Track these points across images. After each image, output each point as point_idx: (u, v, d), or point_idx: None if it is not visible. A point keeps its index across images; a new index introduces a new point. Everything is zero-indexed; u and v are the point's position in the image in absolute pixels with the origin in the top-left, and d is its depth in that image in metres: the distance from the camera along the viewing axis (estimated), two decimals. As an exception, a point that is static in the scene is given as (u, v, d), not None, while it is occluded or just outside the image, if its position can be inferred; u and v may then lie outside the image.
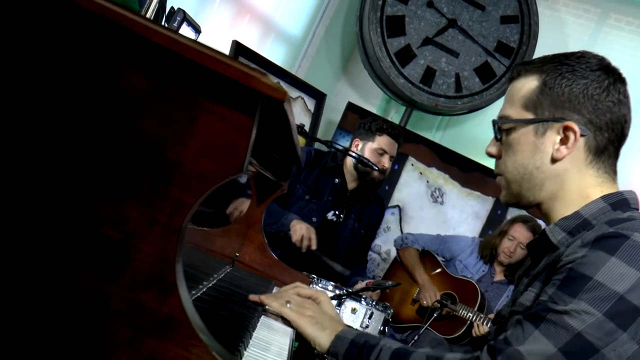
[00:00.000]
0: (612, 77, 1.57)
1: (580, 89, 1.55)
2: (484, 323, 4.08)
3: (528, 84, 1.61)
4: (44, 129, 1.18)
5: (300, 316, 1.71)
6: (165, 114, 1.16)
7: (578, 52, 1.62)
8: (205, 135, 1.16)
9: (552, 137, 1.57)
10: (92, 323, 1.15)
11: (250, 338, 1.63)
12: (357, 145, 3.87)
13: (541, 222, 4.45)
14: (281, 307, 1.75)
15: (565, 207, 1.59)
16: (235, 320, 1.70)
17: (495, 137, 1.66)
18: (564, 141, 1.56)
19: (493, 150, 1.67)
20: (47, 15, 1.19)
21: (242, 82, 1.12)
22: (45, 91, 1.19)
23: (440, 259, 4.58)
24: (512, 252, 4.36)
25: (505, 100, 1.67)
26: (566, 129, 1.55)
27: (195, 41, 1.14)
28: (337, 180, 3.89)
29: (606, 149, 1.58)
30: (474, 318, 4.15)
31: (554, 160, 1.57)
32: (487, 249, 4.46)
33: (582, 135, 1.55)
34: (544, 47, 5.18)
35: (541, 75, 1.59)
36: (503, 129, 1.63)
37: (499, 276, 4.48)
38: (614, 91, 1.56)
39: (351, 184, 3.93)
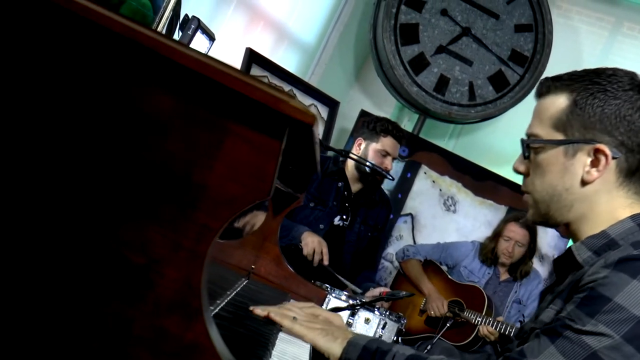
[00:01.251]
0: None
1: (613, 110, 1.51)
2: (492, 325, 4.10)
3: (557, 103, 1.57)
4: (68, 152, 1.17)
5: (311, 330, 1.72)
6: (191, 136, 1.14)
7: (609, 69, 1.57)
8: (231, 158, 1.13)
9: (583, 159, 1.53)
10: (115, 348, 1.13)
11: (270, 357, 1.61)
12: (360, 144, 3.84)
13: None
14: (291, 325, 1.76)
15: (593, 228, 1.56)
16: (254, 338, 1.68)
17: (524, 155, 1.62)
18: (594, 163, 1.52)
19: (521, 167, 1.64)
20: (72, 37, 1.18)
21: (270, 106, 1.10)
22: (71, 113, 1.17)
23: (443, 267, 4.59)
24: (510, 252, 4.41)
25: (533, 117, 1.63)
26: (597, 151, 1.51)
27: (223, 63, 1.12)
28: (340, 184, 3.85)
29: (638, 170, 1.54)
30: (483, 323, 4.17)
31: (584, 183, 1.54)
32: (487, 253, 4.50)
33: (613, 158, 1.51)
34: (558, 56, 5.16)
35: (571, 94, 1.55)
36: (532, 147, 1.60)
37: (504, 275, 4.53)
38: None
39: (354, 187, 3.89)
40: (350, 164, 3.85)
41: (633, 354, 1.36)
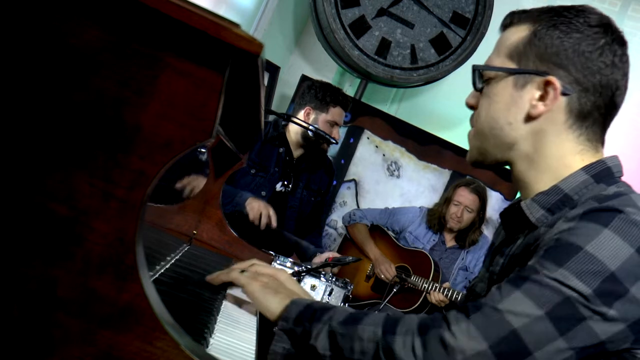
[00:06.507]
0: (610, 36, 1.43)
1: (571, 43, 1.41)
2: (440, 291, 4.09)
3: (518, 33, 1.46)
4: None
5: (252, 281, 1.56)
6: (122, 72, 1.00)
7: (580, 5, 1.46)
8: (168, 95, 1.00)
9: (531, 92, 1.43)
10: (38, 314, 0.99)
11: (215, 323, 1.49)
12: (309, 113, 3.79)
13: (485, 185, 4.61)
14: (237, 276, 1.61)
15: (540, 174, 1.46)
16: (198, 303, 1.56)
17: (474, 87, 1.51)
18: (542, 98, 1.42)
19: (472, 101, 1.53)
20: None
21: (211, 34, 0.97)
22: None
23: (390, 232, 4.55)
24: (460, 217, 4.40)
25: (493, 50, 1.53)
26: (547, 84, 1.41)
27: (155, -14, 0.99)
28: (281, 149, 3.81)
29: (590, 115, 1.43)
30: (429, 288, 4.16)
31: (529, 118, 1.43)
32: (435, 218, 4.49)
33: (563, 94, 1.41)
34: (499, 18, 5.07)
35: (533, 25, 1.45)
36: (484, 77, 1.49)
37: (451, 242, 4.52)
38: (608, 52, 1.42)
39: (296, 152, 3.86)
40: (292, 128, 3.81)
41: (600, 308, 1.23)
